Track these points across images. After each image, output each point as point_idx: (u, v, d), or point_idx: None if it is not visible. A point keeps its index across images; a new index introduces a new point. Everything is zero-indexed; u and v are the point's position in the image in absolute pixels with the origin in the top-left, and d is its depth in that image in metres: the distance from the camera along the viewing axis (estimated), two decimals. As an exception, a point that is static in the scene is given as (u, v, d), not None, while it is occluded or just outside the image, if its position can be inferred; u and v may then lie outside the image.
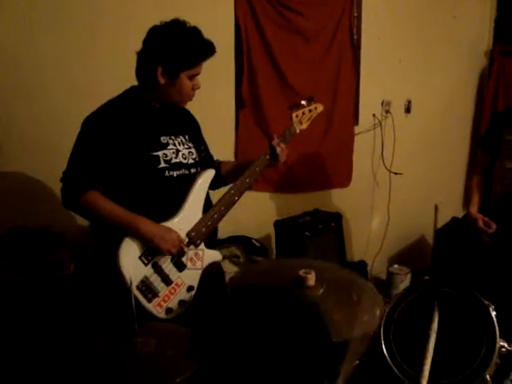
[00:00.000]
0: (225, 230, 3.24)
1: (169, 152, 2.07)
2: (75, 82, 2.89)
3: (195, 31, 2.01)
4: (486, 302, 1.85)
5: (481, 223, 2.62)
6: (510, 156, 2.58)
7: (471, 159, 4.67)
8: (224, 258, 3.18)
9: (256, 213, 3.56)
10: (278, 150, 2.21)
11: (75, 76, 2.89)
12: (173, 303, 2.03)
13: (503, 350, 1.77)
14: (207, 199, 2.16)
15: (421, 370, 1.68)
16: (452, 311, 1.88)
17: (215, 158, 2.42)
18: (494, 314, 1.83)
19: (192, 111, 2.33)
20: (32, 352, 2.32)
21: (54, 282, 2.44)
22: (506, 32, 4.50)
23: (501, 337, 1.80)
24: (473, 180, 2.90)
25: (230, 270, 2.98)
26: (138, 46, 2.04)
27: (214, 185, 2.26)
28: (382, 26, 3.93)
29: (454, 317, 1.86)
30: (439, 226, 4.41)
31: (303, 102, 2.36)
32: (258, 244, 3.38)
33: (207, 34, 2.06)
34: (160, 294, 1.99)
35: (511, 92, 4.31)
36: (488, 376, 1.71)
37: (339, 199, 4.01)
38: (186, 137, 2.19)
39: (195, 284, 2.09)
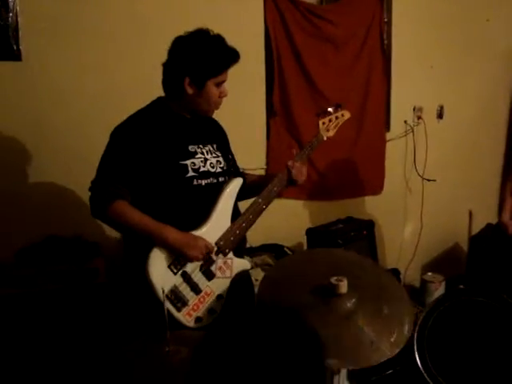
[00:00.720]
0: (257, 238, 3.25)
1: (197, 161, 2.08)
2: (103, 93, 2.94)
3: (219, 39, 2.02)
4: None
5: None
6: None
7: (506, 165, 4.58)
8: (256, 266, 3.19)
9: (288, 220, 3.55)
10: (293, 173, 2.18)
11: (102, 87, 2.94)
12: (202, 312, 2.03)
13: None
14: (235, 208, 2.16)
15: None
16: (487, 321, 1.84)
17: (241, 169, 2.42)
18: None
19: (223, 121, 2.34)
20: (67, 357, 2.36)
21: (90, 290, 2.48)
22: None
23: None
24: (507, 186, 2.86)
25: (261, 278, 2.97)
26: (164, 56, 2.07)
27: (240, 195, 2.25)
28: (413, 31, 3.89)
29: (490, 327, 1.83)
30: (473, 233, 4.33)
31: (330, 109, 2.35)
32: (290, 252, 3.37)
33: (237, 42, 2.07)
34: (189, 303, 2.00)
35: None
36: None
37: (372, 206, 3.98)
38: (214, 146, 2.20)
39: (224, 293, 2.08)
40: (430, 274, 4.06)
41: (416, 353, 1.84)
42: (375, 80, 3.76)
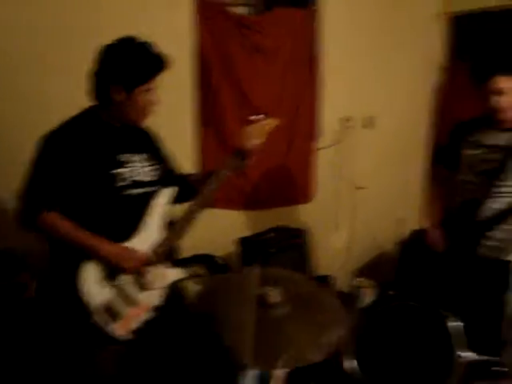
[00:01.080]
0: (188, 248, 3.21)
1: (127, 170, 2.04)
2: (29, 102, 2.86)
3: (146, 45, 2.00)
4: (445, 314, 1.87)
5: (436, 238, 2.70)
6: (465, 168, 2.63)
7: (431, 172, 4.73)
8: (187, 277, 3.16)
9: (220, 231, 3.53)
10: (248, 148, 2.20)
11: (30, 95, 2.86)
12: (136, 324, 1.99)
13: (465, 359, 1.79)
14: (168, 217, 2.13)
15: None
16: (414, 324, 1.89)
17: (181, 171, 2.39)
18: (453, 324, 1.85)
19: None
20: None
21: (18, 305, 2.43)
22: (459, 48, 4.64)
23: (465, 347, 1.81)
24: (432, 193, 2.95)
25: (192, 289, 2.94)
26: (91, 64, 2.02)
27: (185, 197, 2.22)
28: (341, 42, 3.97)
29: (417, 330, 1.88)
30: (402, 239, 4.45)
31: (258, 117, 2.35)
32: (221, 262, 3.35)
33: (167, 50, 2.03)
34: (123, 317, 1.96)
35: (465, 106, 4.40)
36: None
37: (304, 214, 4.01)
38: (146, 155, 2.16)
39: (158, 303, 2.06)
40: (360, 279, 4.15)
41: (347, 357, 1.87)
42: (305, 90, 3.82)
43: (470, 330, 2.10)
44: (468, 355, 1.81)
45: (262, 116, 2.36)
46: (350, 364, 1.87)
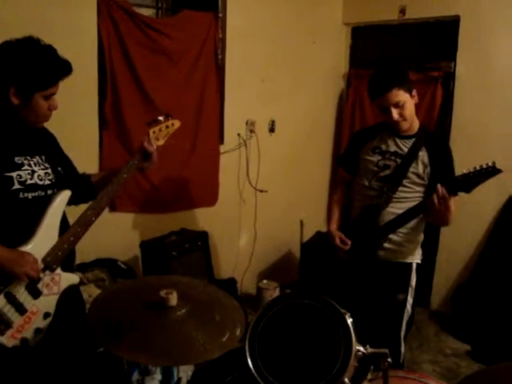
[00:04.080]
0: (90, 252, 3.15)
1: (23, 173, 1.96)
2: None
3: (50, 50, 1.92)
4: (343, 311, 1.95)
5: (337, 241, 2.72)
6: (365, 173, 2.70)
7: (333, 176, 4.92)
8: (89, 281, 3.09)
9: (122, 234, 3.49)
10: (151, 149, 2.20)
11: None
12: (28, 332, 1.91)
13: (359, 353, 1.87)
14: (64, 221, 2.07)
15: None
16: (313, 321, 1.95)
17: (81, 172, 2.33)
18: (350, 321, 1.93)
19: (53, 131, 2.22)
20: None
21: None
22: (360, 58, 4.86)
23: (357, 341, 1.90)
24: (333, 197, 3.00)
25: (95, 293, 2.88)
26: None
27: (85, 197, 2.19)
28: (246, 48, 4.04)
29: (315, 326, 1.94)
30: (304, 240, 4.58)
31: (160, 118, 2.35)
32: (124, 266, 3.31)
33: (68, 52, 1.98)
34: (14, 325, 1.86)
35: (366, 113, 4.62)
36: (347, 379, 1.80)
37: (207, 218, 4.03)
38: (43, 157, 2.08)
39: (52, 310, 1.98)
40: (265, 281, 4.23)
41: (248, 355, 1.90)
42: (209, 94, 3.84)
43: (369, 327, 2.19)
44: (361, 349, 1.89)
45: (163, 117, 2.36)
46: (251, 362, 1.90)
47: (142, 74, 3.45)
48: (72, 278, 2.07)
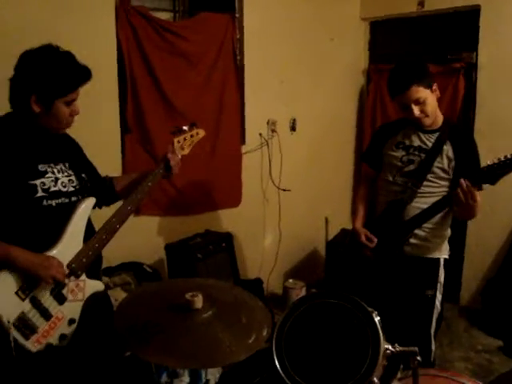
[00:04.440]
0: (115, 257, 3.17)
1: (47, 180, 1.98)
2: None
3: (69, 56, 1.94)
4: (370, 309, 1.93)
5: (363, 238, 2.70)
6: (389, 169, 2.68)
7: (357, 172, 4.89)
8: (115, 285, 3.11)
9: (147, 237, 3.50)
10: (172, 162, 2.23)
11: None
12: (53, 338, 1.92)
13: (388, 352, 1.85)
14: (89, 228, 2.08)
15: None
16: (340, 320, 1.94)
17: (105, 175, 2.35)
18: (377, 319, 1.90)
19: (75, 137, 2.24)
20: None
21: None
22: (379, 53, 4.82)
23: (385, 340, 1.87)
24: (358, 193, 2.98)
25: (121, 297, 2.90)
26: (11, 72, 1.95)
27: (107, 201, 2.22)
28: (264, 47, 4.04)
29: (342, 326, 1.92)
30: (330, 238, 4.56)
31: (185, 128, 2.35)
32: (149, 269, 3.32)
33: (88, 58, 2.00)
34: (39, 330, 1.88)
35: (388, 108, 4.58)
36: (376, 379, 1.78)
37: (231, 219, 4.03)
38: (67, 164, 2.10)
39: (77, 316, 1.99)
40: (291, 280, 4.22)
41: (275, 355, 1.90)
42: (229, 95, 3.84)
43: (398, 325, 2.17)
44: (389, 347, 1.87)
45: (188, 126, 2.37)
46: (278, 363, 1.90)
47: (161, 77, 3.47)
48: (97, 285, 2.09)
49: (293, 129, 4.37)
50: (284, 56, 4.18)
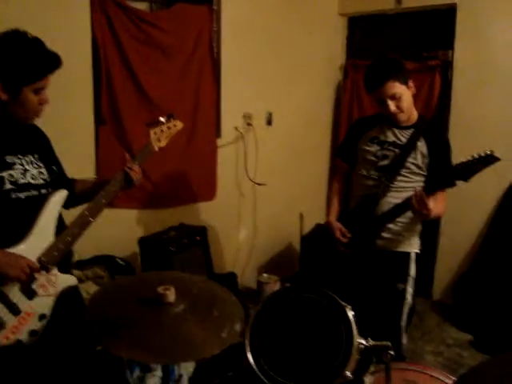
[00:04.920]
0: (88, 250, 3.12)
1: (15, 172, 1.93)
2: None
3: (37, 42, 1.89)
4: (344, 304, 1.93)
5: (338, 233, 2.73)
6: (364, 163, 2.71)
7: (332, 168, 4.90)
8: (87, 279, 3.07)
9: (120, 230, 3.45)
10: (132, 174, 2.15)
11: None
12: (23, 334, 1.88)
13: (361, 346, 1.86)
14: (60, 221, 2.04)
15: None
16: (314, 315, 1.94)
17: (70, 177, 2.30)
18: (351, 314, 1.91)
19: (46, 129, 2.19)
20: None
21: None
22: (357, 48, 4.84)
23: (358, 334, 1.88)
24: (332, 186, 3.00)
25: (93, 291, 2.86)
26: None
27: (68, 204, 2.14)
28: (242, 40, 4.01)
29: (316, 320, 1.93)
30: (304, 233, 4.57)
31: (162, 119, 2.30)
32: (122, 263, 3.28)
33: (60, 47, 1.96)
34: (7, 326, 1.83)
35: (364, 103, 4.61)
36: (349, 372, 1.79)
37: (206, 212, 4.01)
38: (36, 156, 2.05)
39: (48, 312, 1.94)
40: (265, 275, 4.22)
41: (248, 349, 1.90)
42: (205, 87, 3.80)
43: (369, 319, 2.18)
44: (363, 342, 1.88)
45: (165, 118, 2.33)
46: (252, 356, 1.90)
47: (137, 68, 3.41)
48: (70, 280, 2.04)
49: (269, 123, 4.35)
50: (261, 49, 4.16)
